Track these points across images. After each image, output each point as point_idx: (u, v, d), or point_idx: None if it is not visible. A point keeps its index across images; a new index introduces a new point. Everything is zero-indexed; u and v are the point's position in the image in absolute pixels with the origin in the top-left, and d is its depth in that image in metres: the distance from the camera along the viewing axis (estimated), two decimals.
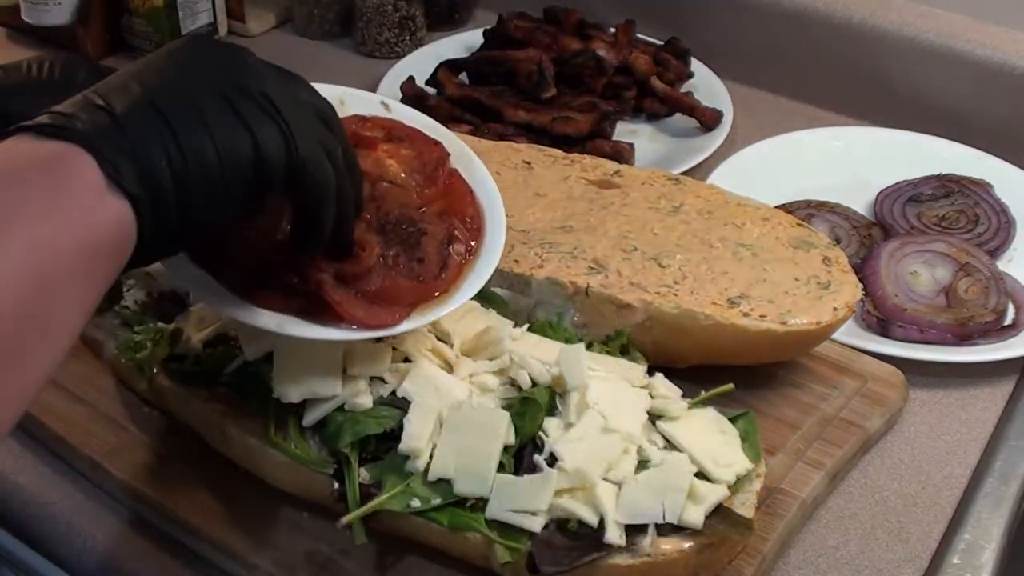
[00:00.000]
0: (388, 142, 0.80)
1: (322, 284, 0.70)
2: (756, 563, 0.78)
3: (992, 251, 1.11)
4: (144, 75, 0.59)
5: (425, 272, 0.74)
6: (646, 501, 0.73)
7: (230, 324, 0.83)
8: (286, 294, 0.71)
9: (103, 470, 0.85)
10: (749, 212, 0.99)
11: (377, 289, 0.72)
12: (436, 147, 0.81)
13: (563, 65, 1.31)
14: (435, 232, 0.76)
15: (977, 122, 1.29)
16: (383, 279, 0.72)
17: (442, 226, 0.77)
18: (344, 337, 0.72)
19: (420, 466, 0.74)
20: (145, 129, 0.57)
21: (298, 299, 0.71)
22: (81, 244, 0.53)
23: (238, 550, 0.79)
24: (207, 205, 0.59)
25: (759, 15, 1.39)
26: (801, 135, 1.28)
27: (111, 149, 0.55)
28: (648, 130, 1.32)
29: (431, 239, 0.75)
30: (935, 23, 1.30)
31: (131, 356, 0.86)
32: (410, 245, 0.75)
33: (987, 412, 0.96)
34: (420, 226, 0.76)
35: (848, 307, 0.89)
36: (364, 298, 0.72)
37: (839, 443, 0.87)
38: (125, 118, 0.57)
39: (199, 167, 0.58)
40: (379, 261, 0.73)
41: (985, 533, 0.85)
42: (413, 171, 0.79)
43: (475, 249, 0.78)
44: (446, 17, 1.56)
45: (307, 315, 0.71)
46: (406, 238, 0.75)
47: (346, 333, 0.72)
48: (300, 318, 0.71)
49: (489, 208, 0.80)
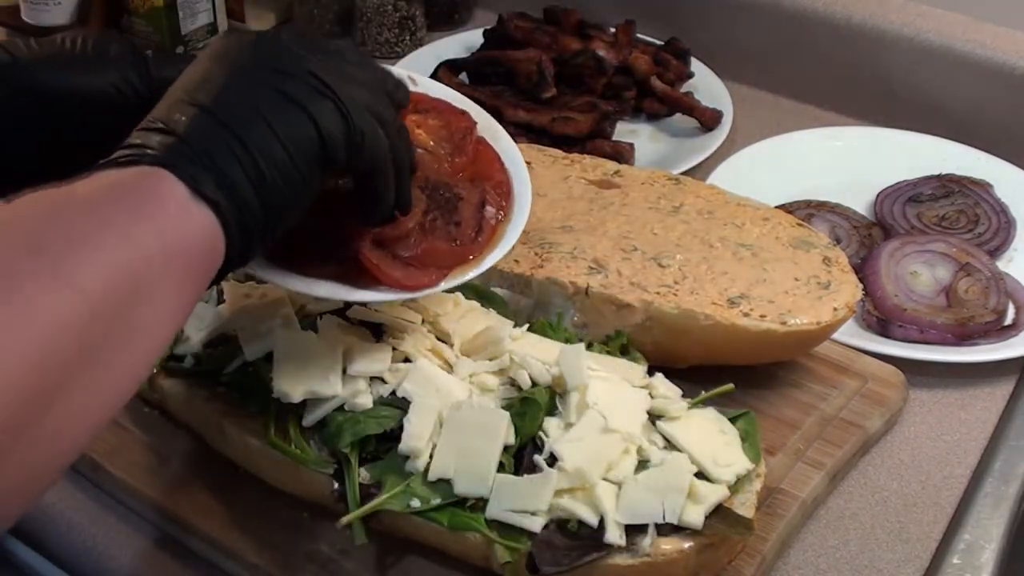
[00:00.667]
0: (416, 113, 0.81)
1: (360, 248, 0.71)
2: (756, 563, 0.78)
3: (992, 251, 1.11)
4: (192, 90, 0.60)
5: (462, 235, 0.75)
6: (646, 501, 0.73)
7: (229, 323, 0.83)
8: (322, 260, 0.72)
9: (103, 470, 0.85)
10: (749, 212, 0.99)
11: (416, 253, 0.73)
12: (463, 117, 0.82)
13: (563, 65, 1.31)
14: (470, 197, 0.77)
15: (977, 122, 1.29)
16: (421, 243, 0.73)
17: (475, 191, 0.78)
18: (382, 299, 0.73)
19: (420, 466, 0.74)
20: (210, 139, 0.58)
21: (333, 265, 0.72)
22: (171, 249, 0.54)
23: (238, 550, 0.79)
24: (285, 195, 0.60)
25: (759, 15, 1.39)
26: (801, 135, 1.28)
27: (185, 163, 0.56)
28: (648, 130, 1.32)
29: (467, 203, 0.76)
30: (935, 23, 1.30)
31: None
32: (447, 210, 0.75)
33: (987, 412, 0.96)
34: (456, 191, 0.77)
35: (848, 307, 0.89)
36: (401, 261, 0.73)
37: (839, 443, 0.87)
38: (189, 135, 0.58)
39: (269, 160, 0.59)
40: (416, 226, 0.74)
41: (985, 533, 0.85)
42: (442, 140, 0.80)
43: (506, 212, 0.79)
44: (446, 17, 1.56)
45: (344, 280, 0.72)
46: (443, 203, 0.76)
47: (384, 295, 0.72)
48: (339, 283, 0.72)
49: (515, 174, 0.81)
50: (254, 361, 0.80)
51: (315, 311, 0.84)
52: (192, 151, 0.57)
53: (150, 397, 0.89)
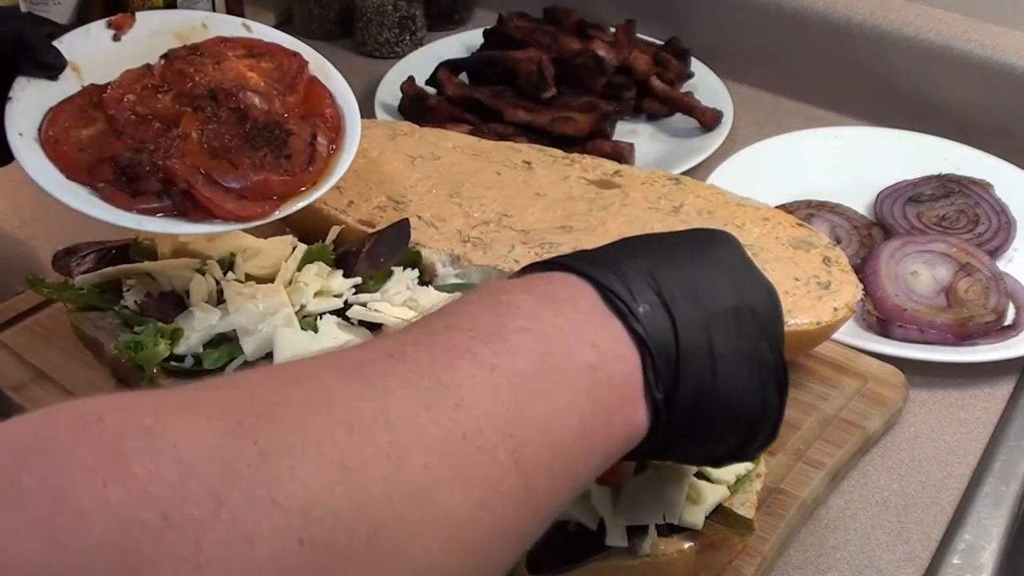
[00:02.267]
0: (250, 58, 0.87)
1: (192, 183, 0.75)
2: (756, 563, 0.78)
3: (992, 251, 1.11)
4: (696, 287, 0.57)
5: (292, 167, 0.80)
6: (645, 502, 0.73)
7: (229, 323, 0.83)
8: (158, 198, 0.77)
9: None
10: (749, 212, 0.99)
11: (247, 184, 0.77)
12: (295, 58, 0.88)
13: (563, 65, 1.31)
14: (300, 132, 0.82)
15: (977, 122, 1.29)
16: (252, 175, 0.78)
17: (306, 126, 0.83)
18: (217, 230, 0.77)
19: None
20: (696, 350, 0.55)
21: (167, 202, 0.77)
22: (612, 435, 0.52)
23: None
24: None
25: (759, 15, 1.39)
26: (801, 135, 1.28)
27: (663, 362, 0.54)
28: (648, 130, 1.32)
29: (297, 138, 0.81)
30: (935, 23, 1.30)
31: (131, 356, 0.86)
32: (277, 145, 0.80)
33: (987, 412, 0.96)
34: (286, 127, 0.82)
35: (848, 307, 0.89)
36: (235, 194, 0.77)
37: (839, 443, 0.87)
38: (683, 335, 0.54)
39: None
40: (248, 162, 0.79)
41: (985, 533, 0.85)
42: (274, 81, 0.86)
43: (337, 144, 0.83)
44: (446, 17, 1.56)
45: (180, 215, 0.76)
46: (272, 139, 0.81)
47: (219, 227, 0.77)
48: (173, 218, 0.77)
49: (347, 109, 0.86)
50: (254, 361, 0.80)
51: (315, 311, 0.84)
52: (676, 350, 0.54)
53: None
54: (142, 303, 0.90)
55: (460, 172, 1.03)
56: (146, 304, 0.90)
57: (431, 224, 0.96)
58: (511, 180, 1.02)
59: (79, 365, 0.93)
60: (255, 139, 0.81)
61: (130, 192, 0.77)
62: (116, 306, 0.91)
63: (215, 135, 0.80)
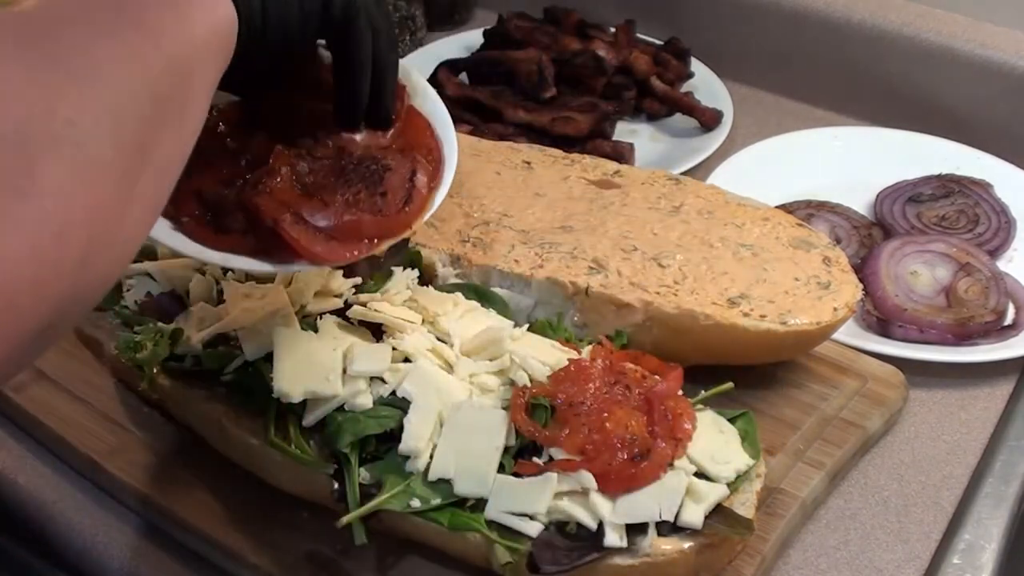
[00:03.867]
0: None
1: (279, 222, 0.71)
2: (756, 563, 0.78)
3: (992, 251, 1.11)
4: None
5: (388, 206, 0.75)
6: (645, 501, 0.73)
7: (229, 323, 0.83)
8: (243, 234, 0.73)
9: (103, 470, 0.85)
10: (749, 212, 0.99)
11: (337, 224, 0.73)
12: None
13: (563, 65, 1.31)
14: (398, 168, 0.77)
15: (977, 122, 1.29)
16: (344, 214, 0.73)
17: (405, 162, 0.78)
18: (303, 270, 0.77)
19: (420, 466, 0.74)
20: None
21: (252, 239, 0.73)
22: (209, 30, 0.59)
23: (238, 550, 0.79)
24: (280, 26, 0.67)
25: (759, 15, 1.39)
26: (801, 135, 1.28)
27: None
28: (648, 130, 1.32)
29: (394, 174, 0.77)
30: (935, 23, 1.30)
31: (131, 356, 0.86)
32: (372, 182, 0.76)
33: (987, 412, 0.96)
34: (383, 163, 0.77)
35: (848, 307, 0.89)
36: (323, 235, 0.73)
37: (839, 443, 0.87)
38: None
39: None
40: (341, 199, 0.74)
41: (985, 533, 0.85)
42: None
43: (437, 180, 0.80)
44: (446, 17, 1.56)
45: (263, 255, 0.73)
46: (368, 175, 0.76)
47: (305, 267, 0.74)
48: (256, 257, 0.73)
49: (445, 139, 0.82)
50: (254, 361, 0.80)
51: (315, 311, 0.84)
52: None
53: (150, 397, 0.89)
54: (142, 303, 0.91)
55: (460, 172, 1.03)
56: (146, 304, 0.90)
57: (431, 224, 0.96)
58: (511, 180, 1.02)
59: (79, 365, 0.93)
60: (350, 175, 0.75)
61: (214, 228, 0.73)
62: (116, 306, 0.91)
63: (308, 171, 0.75)
